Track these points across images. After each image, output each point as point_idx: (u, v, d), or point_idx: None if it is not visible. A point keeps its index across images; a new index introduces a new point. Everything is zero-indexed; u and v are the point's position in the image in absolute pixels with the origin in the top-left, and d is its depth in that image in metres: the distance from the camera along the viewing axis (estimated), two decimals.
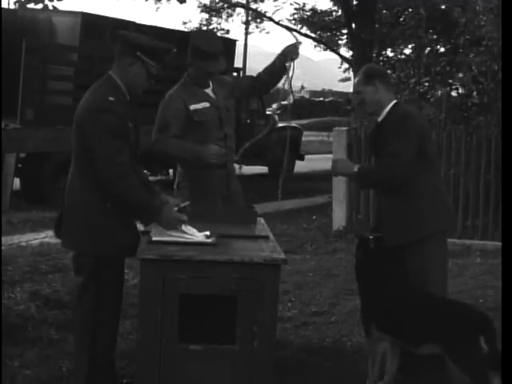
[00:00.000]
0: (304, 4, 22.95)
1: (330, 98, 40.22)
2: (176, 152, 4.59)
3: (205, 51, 4.51)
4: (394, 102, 4.31)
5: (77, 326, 3.90)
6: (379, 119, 4.32)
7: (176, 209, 3.79)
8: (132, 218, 3.82)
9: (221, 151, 4.55)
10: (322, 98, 40.28)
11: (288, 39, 4.70)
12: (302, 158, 15.91)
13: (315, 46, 23.11)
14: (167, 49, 3.81)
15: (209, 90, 4.69)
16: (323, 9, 22.72)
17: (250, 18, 24.10)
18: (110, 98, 3.63)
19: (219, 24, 23.36)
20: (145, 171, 4.35)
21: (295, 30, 22.45)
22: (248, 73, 31.34)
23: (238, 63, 15.94)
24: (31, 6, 7.72)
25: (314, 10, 22.60)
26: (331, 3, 21.60)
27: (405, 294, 4.11)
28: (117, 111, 3.63)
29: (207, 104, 4.63)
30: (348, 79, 22.31)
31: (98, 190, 3.66)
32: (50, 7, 7.69)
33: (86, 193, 3.69)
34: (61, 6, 8.45)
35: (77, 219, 3.73)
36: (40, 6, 7.61)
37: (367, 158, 9.41)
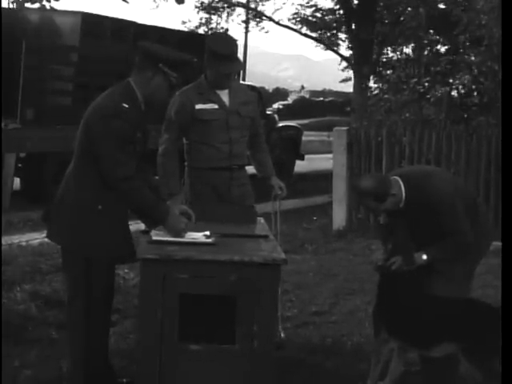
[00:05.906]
0: (307, 1, 22.96)
1: (330, 98, 40.21)
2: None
3: (220, 53, 4.52)
4: (398, 181, 4.14)
5: (69, 328, 3.89)
6: (400, 205, 4.12)
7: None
8: (139, 219, 3.81)
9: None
10: (322, 98, 40.28)
11: (288, 39, 4.68)
12: (302, 158, 15.89)
13: (315, 46, 23.08)
14: (189, 60, 3.83)
15: (224, 93, 4.67)
16: (324, 7, 22.73)
17: (249, 18, 24.09)
18: (124, 105, 3.64)
19: (219, 24, 23.34)
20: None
21: (295, 30, 22.47)
22: (248, 73, 31.31)
23: None
24: (28, 5, 7.68)
25: (315, 6, 22.56)
26: (332, 3, 21.61)
27: (417, 299, 4.07)
28: (129, 119, 3.64)
29: (215, 105, 4.63)
30: (349, 79, 22.25)
31: (92, 191, 3.67)
32: (48, 7, 7.66)
33: (80, 192, 3.70)
34: (60, 6, 8.44)
35: (67, 217, 3.72)
36: (37, 5, 7.57)
37: (367, 158, 9.42)
